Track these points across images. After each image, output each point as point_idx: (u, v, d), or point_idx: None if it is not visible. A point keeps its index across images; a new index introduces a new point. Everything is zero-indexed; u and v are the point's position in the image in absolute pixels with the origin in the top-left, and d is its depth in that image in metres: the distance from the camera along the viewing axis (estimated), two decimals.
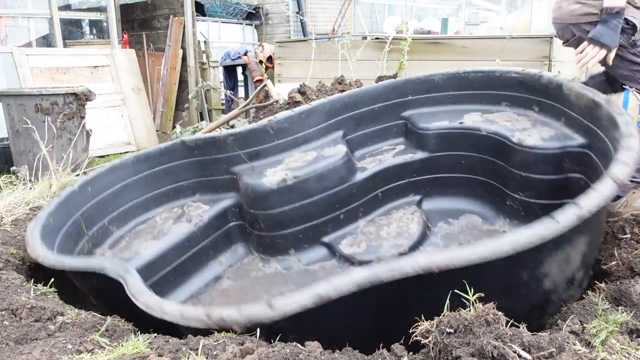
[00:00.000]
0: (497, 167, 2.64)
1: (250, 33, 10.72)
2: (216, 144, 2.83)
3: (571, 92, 2.36)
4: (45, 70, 6.46)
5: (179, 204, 2.87)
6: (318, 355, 1.36)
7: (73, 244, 2.39)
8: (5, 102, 4.50)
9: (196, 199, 2.89)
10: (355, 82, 3.78)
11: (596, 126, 2.14)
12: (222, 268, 2.74)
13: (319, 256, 2.74)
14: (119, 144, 6.98)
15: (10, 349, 1.51)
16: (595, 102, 2.14)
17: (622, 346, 1.36)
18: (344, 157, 2.76)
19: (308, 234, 2.73)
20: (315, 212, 2.71)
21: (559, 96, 2.47)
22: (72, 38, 8.10)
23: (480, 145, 2.70)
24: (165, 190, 2.87)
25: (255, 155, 2.86)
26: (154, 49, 8.48)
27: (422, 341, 1.34)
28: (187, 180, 2.90)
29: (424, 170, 2.90)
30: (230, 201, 2.84)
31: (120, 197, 2.71)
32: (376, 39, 5.52)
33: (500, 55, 4.27)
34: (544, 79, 2.57)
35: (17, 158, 4.54)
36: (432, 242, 2.71)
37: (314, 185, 2.68)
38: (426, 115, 2.98)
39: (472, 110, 2.88)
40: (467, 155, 2.78)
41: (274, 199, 2.65)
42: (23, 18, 7.25)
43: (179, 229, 2.62)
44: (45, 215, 2.31)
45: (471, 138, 2.72)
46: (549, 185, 2.40)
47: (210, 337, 1.46)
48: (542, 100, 2.61)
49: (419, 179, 2.93)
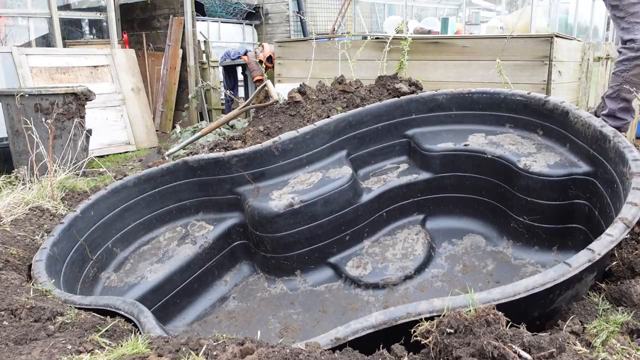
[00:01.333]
0: (502, 190, 2.64)
1: (250, 33, 10.72)
2: (220, 165, 2.84)
3: (577, 121, 2.38)
4: (45, 70, 6.45)
5: (183, 223, 2.88)
6: (318, 355, 1.36)
7: (78, 271, 2.40)
8: (4, 102, 4.50)
9: (200, 217, 2.90)
10: (355, 82, 3.77)
11: (603, 157, 2.15)
12: (227, 288, 2.75)
13: (325, 277, 2.74)
14: (119, 144, 6.97)
15: (9, 349, 1.51)
16: (602, 134, 2.15)
17: (622, 346, 1.36)
18: (350, 179, 2.76)
19: (314, 255, 2.74)
20: (321, 234, 2.72)
21: (564, 122, 2.48)
22: (71, 38, 8.09)
23: (485, 167, 2.70)
24: (168, 210, 2.88)
25: (260, 176, 2.87)
26: (153, 49, 8.48)
27: (422, 341, 1.34)
28: (190, 200, 2.91)
29: (428, 190, 2.91)
30: (234, 220, 2.85)
31: (122, 219, 2.72)
32: (376, 39, 5.52)
33: (500, 55, 4.27)
34: (549, 104, 2.58)
35: (17, 158, 4.53)
36: (437, 264, 2.71)
37: (321, 209, 2.69)
38: (430, 134, 2.99)
39: (475, 131, 2.88)
40: (472, 177, 2.78)
41: (281, 223, 2.65)
42: (23, 18, 7.24)
43: (184, 251, 2.63)
44: (50, 245, 2.31)
45: (476, 160, 2.72)
46: (554, 210, 2.40)
47: (210, 337, 1.46)
48: (546, 125, 2.62)
49: (423, 199, 2.93)
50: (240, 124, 4.74)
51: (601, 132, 2.17)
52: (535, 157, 2.50)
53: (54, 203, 3.00)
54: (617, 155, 2.03)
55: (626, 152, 1.96)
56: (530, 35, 5.45)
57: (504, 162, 2.58)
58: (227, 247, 2.82)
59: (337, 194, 2.70)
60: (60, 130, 4.53)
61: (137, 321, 1.77)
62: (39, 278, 2.11)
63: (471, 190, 2.81)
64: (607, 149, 2.12)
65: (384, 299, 2.53)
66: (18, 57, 6.23)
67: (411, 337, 1.39)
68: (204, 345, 1.40)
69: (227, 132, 4.50)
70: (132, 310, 1.82)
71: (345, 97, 3.66)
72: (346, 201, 2.74)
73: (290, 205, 2.63)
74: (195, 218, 2.89)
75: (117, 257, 2.66)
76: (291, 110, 3.65)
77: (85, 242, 2.50)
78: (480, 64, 4.80)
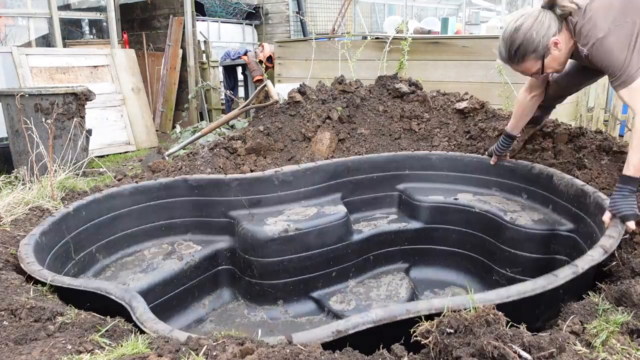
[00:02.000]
0: (487, 244, 2.81)
1: (250, 33, 10.72)
2: (219, 186, 2.88)
3: (561, 182, 2.61)
4: (45, 70, 6.45)
5: (169, 241, 2.87)
6: (318, 355, 1.36)
7: (60, 266, 2.38)
8: (4, 102, 4.50)
9: (187, 237, 2.91)
10: (355, 82, 3.77)
11: (584, 212, 2.39)
12: (205, 311, 2.74)
13: (306, 310, 2.76)
14: (119, 144, 6.97)
15: (9, 349, 1.51)
16: (583, 191, 2.42)
17: (622, 347, 1.36)
18: (345, 216, 2.85)
19: (299, 286, 2.76)
20: (310, 265, 2.75)
21: (549, 185, 2.70)
22: (71, 38, 8.09)
23: (472, 221, 2.88)
24: (158, 225, 2.88)
25: (257, 203, 2.93)
26: (153, 49, 8.48)
27: (422, 341, 1.34)
28: (182, 219, 2.92)
29: (415, 240, 3.06)
30: (223, 244, 2.86)
31: (111, 227, 2.71)
32: (376, 39, 5.52)
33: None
34: (535, 170, 2.81)
35: (17, 158, 4.53)
36: None
37: (314, 240, 2.74)
38: (421, 189, 3.16)
39: (464, 191, 3.08)
40: (459, 230, 2.96)
41: (273, 248, 2.67)
42: (23, 18, 7.24)
43: (169, 265, 2.61)
44: (39, 233, 2.32)
45: (464, 214, 2.91)
46: (535, 263, 2.55)
47: (210, 338, 1.46)
48: (530, 189, 2.84)
49: (410, 248, 3.07)
50: (240, 124, 4.74)
51: (582, 190, 2.43)
52: (520, 213, 2.70)
53: (54, 203, 3.00)
54: (596, 208, 2.26)
55: (604, 202, 2.21)
56: None
57: (491, 216, 2.76)
58: (212, 269, 2.81)
59: (331, 227, 2.77)
60: (60, 130, 4.53)
61: (128, 306, 1.74)
62: (26, 258, 2.11)
63: (457, 244, 2.98)
64: (588, 204, 2.36)
65: None
66: (18, 57, 6.23)
67: (410, 336, 1.39)
68: (204, 345, 1.40)
69: (227, 132, 4.50)
70: (124, 296, 1.79)
71: (345, 97, 3.67)
72: (338, 237, 2.80)
73: (285, 231, 2.67)
74: (183, 238, 2.90)
75: (98, 262, 2.63)
76: (291, 110, 3.65)
77: (71, 241, 2.47)
78: (480, 64, 4.80)
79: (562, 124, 3.17)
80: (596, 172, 2.87)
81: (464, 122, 3.48)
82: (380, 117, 3.62)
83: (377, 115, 3.63)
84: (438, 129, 3.50)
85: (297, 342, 1.44)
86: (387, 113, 3.62)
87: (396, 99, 3.67)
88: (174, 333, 1.54)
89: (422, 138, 3.51)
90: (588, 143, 3.01)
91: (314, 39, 5.19)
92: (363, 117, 3.63)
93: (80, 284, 1.94)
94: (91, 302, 1.86)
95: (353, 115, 3.61)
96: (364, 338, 1.52)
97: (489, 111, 3.44)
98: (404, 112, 3.59)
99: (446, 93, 3.67)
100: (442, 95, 3.65)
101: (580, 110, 5.58)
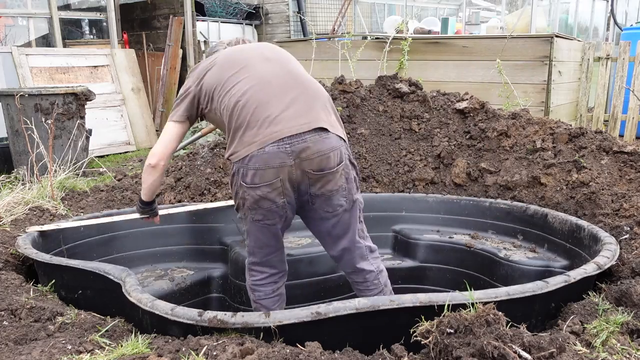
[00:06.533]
0: (481, 282, 2.80)
1: (250, 33, 10.71)
2: (215, 213, 2.91)
3: (555, 220, 2.69)
4: (45, 70, 6.45)
5: (163, 267, 2.87)
6: (318, 355, 1.36)
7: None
8: (4, 102, 4.50)
9: (182, 265, 2.91)
10: (355, 82, 3.77)
11: (579, 247, 2.46)
12: None
13: None
14: (119, 144, 6.97)
15: (9, 349, 1.51)
16: (578, 225, 2.52)
17: (622, 346, 1.36)
18: None
19: None
20: (300, 295, 2.71)
21: (543, 225, 2.77)
22: (71, 38, 8.09)
23: (467, 260, 2.87)
24: (153, 252, 2.89)
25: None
26: (153, 49, 8.47)
27: (422, 341, 1.34)
28: (177, 246, 2.93)
29: (409, 279, 3.01)
30: (216, 272, 2.87)
31: (106, 247, 2.73)
32: (376, 39, 5.52)
33: (500, 55, 4.27)
34: (530, 211, 2.87)
35: (17, 158, 4.53)
36: None
37: (305, 268, 2.73)
38: (416, 230, 3.15)
39: (460, 233, 3.07)
40: (453, 270, 2.94)
41: None
42: (23, 18, 7.24)
43: (160, 284, 2.63)
44: (37, 233, 2.40)
45: (459, 252, 2.91)
46: None
47: (210, 338, 1.46)
48: (526, 230, 2.89)
49: (403, 287, 2.98)
50: None
51: (577, 224, 2.52)
52: (514, 251, 2.74)
53: (54, 203, 3.00)
54: (591, 239, 2.36)
55: (599, 233, 2.32)
56: (530, 35, 5.45)
57: (486, 253, 2.78)
58: (203, 295, 2.81)
59: (323, 257, 2.70)
60: (60, 130, 4.53)
61: (121, 282, 1.83)
62: (23, 244, 2.19)
63: (450, 283, 2.93)
64: (582, 238, 2.44)
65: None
66: (18, 57, 6.23)
67: (394, 329, 1.40)
68: (205, 345, 1.40)
69: None
70: (121, 275, 1.87)
71: (345, 97, 3.67)
72: (330, 268, 2.77)
73: None
74: (177, 265, 2.90)
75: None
76: None
77: (66, 252, 2.50)
78: (481, 64, 4.80)
79: (562, 124, 3.18)
80: (596, 172, 2.87)
81: (464, 122, 3.48)
82: (380, 117, 3.62)
83: (377, 115, 3.63)
84: (438, 129, 3.50)
85: (274, 318, 1.48)
86: (387, 113, 3.62)
87: (396, 99, 3.67)
88: (156, 302, 1.64)
89: (422, 138, 3.51)
90: (588, 143, 3.01)
91: (314, 39, 5.18)
92: (363, 117, 3.63)
93: (78, 264, 2.02)
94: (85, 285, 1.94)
95: (353, 115, 3.61)
96: (346, 326, 1.55)
97: (489, 111, 3.44)
98: (404, 112, 3.59)
99: (446, 93, 3.67)
100: (442, 96, 3.65)
101: (580, 110, 5.58)
